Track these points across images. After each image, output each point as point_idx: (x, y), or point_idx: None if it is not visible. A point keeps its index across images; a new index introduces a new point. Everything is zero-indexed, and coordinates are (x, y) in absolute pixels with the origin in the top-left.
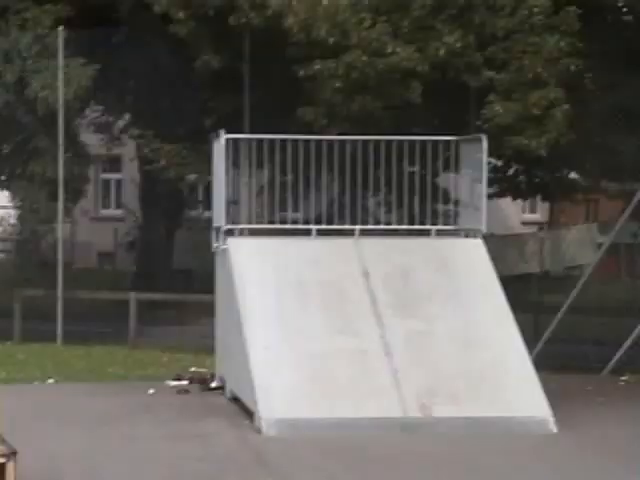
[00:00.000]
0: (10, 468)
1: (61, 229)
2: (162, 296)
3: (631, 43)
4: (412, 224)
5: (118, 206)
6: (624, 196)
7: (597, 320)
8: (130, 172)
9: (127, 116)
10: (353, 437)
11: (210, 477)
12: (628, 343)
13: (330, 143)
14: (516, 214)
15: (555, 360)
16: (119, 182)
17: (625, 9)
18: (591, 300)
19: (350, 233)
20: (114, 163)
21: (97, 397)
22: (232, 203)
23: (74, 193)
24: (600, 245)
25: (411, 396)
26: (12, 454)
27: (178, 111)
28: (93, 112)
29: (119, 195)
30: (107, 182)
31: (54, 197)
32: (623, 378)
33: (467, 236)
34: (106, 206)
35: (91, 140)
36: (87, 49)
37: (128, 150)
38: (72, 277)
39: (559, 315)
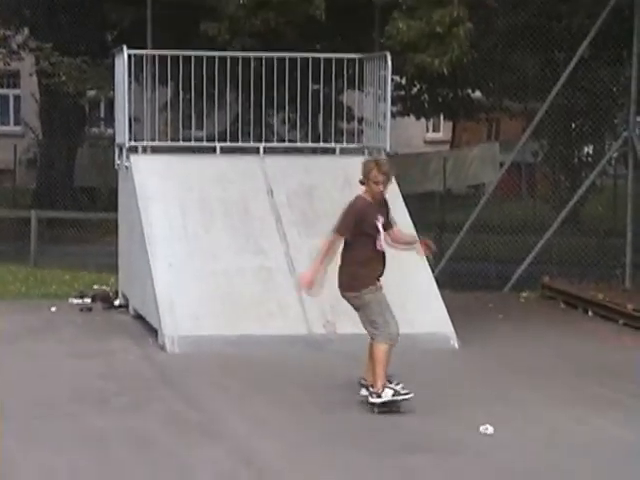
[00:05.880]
0: None
1: None
2: (64, 214)
3: None
4: (316, 142)
5: (17, 122)
6: (525, 115)
7: (498, 238)
8: (29, 87)
9: (25, 30)
10: (257, 354)
11: (113, 394)
12: (528, 261)
13: (234, 59)
14: (420, 133)
15: (458, 278)
16: (18, 98)
17: None
18: (492, 219)
19: (255, 151)
20: (12, 78)
21: None
22: (135, 120)
23: None
24: (502, 164)
25: (315, 313)
26: None
27: (78, 25)
28: None
29: (18, 111)
30: (5, 98)
31: None
32: (523, 295)
33: (371, 154)
34: (5, 122)
35: None
36: None
37: (27, 65)
38: None
39: (461, 233)
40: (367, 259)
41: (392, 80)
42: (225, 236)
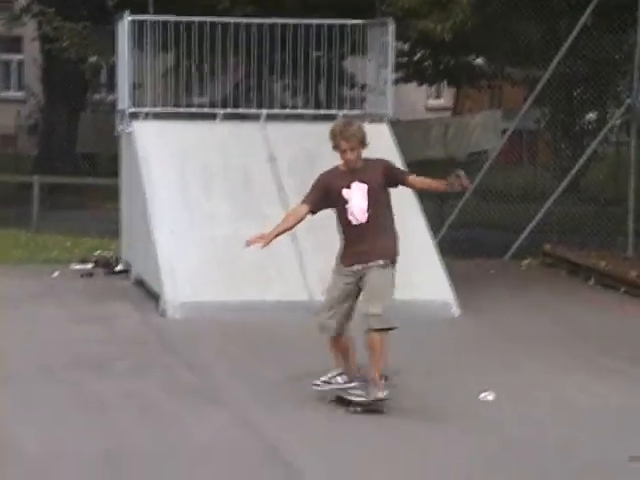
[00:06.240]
0: None
1: None
2: (66, 179)
3: None
4: (318, 109)
5: (20, 88)
6: (528, 83)
7: (500, 206)
8: (32, 53)
9: None
10: (258, 320)
11: (114, 358)
12: (529, 228)
13: (236, 25)
14: (422, 100)
15: (459, 245)
16: (20, 63)
17: None
18: (494, 186)
19: (256, 117)
20: (15, 43)
21: (0, 280)
22: (137, 86)
23: None
24: (504, 131)
25: (316, 280)
26: None
27: None
28: None
29: (20, 76)
30: (8, 63)
31: None
32: (524, 262)
33: (373, 121)
34: (7, 87)
35: None
36: None
37: (29, 30)
38: None
39: (462, 201)
40: (346, 236)
41: (394, 46)
42: (226, 203)
